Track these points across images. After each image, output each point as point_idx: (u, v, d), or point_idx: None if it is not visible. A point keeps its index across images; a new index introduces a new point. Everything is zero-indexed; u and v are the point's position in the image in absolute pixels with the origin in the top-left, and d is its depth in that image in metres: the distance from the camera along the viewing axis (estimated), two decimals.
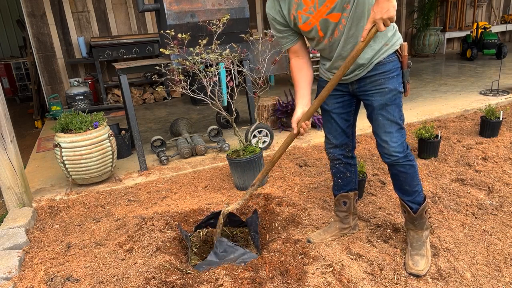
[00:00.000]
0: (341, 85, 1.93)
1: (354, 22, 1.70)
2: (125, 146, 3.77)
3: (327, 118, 2.05)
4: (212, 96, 2.86)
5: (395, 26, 1.82)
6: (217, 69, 2.86)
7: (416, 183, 1.94)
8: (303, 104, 1.89)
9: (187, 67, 2.81)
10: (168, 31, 2.94)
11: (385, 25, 1.54)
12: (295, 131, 1.87)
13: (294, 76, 1.96)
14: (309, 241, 2.18)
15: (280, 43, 1.94)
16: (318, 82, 2.03)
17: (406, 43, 1.82)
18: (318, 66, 2.34)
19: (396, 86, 1.81)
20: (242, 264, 1.96)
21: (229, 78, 3.17)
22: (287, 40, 1.90)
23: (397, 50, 1.80)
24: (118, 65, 3.34)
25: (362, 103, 1.98)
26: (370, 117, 1.92)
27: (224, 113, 2.87)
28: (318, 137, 3.85)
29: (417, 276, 1.88)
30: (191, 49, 2.84)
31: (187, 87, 2.87)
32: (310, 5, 1.70)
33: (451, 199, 2.55)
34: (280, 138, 3.96)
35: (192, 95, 2.86)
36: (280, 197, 2.71)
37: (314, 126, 4.14)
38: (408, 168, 1.89)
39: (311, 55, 6.03)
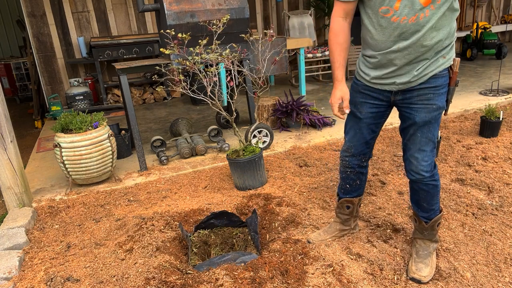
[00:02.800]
0: (383, 94, 1.79)
1: (437, 22, 1.59)
2: (125, 146, 3.77)
3: (353, 126, 1.94)
4: (212, 96, 2.86)
5: (455, 36, 1.70)
6: (217, 69, 2.86)
7: (435, 202, 1.87)
8: (342, 75, 1.79)
9: (187, 67, 2.81)
10: (168, 31, 2.94)
11: None
12: (336, 111, 1.82)
13: (339, 39, 1.77)
14: (309, 242, 2.18)
15: None
16: (352, 85, 1.89)
17: (458, 59, 1.72)
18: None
19: (444, 103, 1.73)
20: (242, 264, 1.96)
21: (229, 78, 3.17)
22: None
23: (450, 65, 1.71)
24: (118, 65, 3.34)
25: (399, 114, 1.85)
26: (405, 132, 1.81)
27: (224, 113, 2.87)
28: (318, 137, 3.86)
29: (419, 282, 1.84)
30: (191, 49, 2.84)
31: (187, 87, 2.87)
32: None
33: (451, 199, 2.55)
34: (280, 138, 3.96)
35: (192, 95, 2.86)
36: (280, 197, 2.71)
37: (314, 126, 4.14)
38: (431, 187, 1.83)
39: (310, 55, 6.04)
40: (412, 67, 1.68)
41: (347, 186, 2.12)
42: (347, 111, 1.83)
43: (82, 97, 5.81)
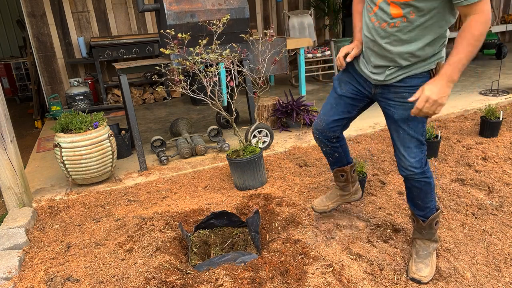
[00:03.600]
0: (366, 83, 1.86)
1: (411, 33, 1.60)
2: (125, 146, 3.77)
3: (331, 101, 1.99)
4: (212, 96, 2.86)
5: (444, 43, 1.69)
6: (217, 69, 2.86)
7: (430, 199, 1.88)
8: (359, 36, 1.86)
9: (187, 67, 2.81)
10: (168, 31, 2.94)
11: (429, 113, 1.52)
12: (340, 54, 1.91)
13: (356, 7, 1.90)
14: (312, 209, 2.30)
15: None
16: (346, 67, 1.95)
17: (443, 63, 1.66)
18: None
19: None
20: (242, 264, 1.96)
21: (229, 78, 3.17)
22: None
23: (431, 69, 1.68)
24: (118, 65, 3.34)
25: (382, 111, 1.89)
26: (390, 128, 1.86)
27: (224, 113, 2.87)
28: None
29: (419, 282, 1.84)
30: (191, 49, 2.84)
31: (187, 87, 2.87)
32: None
33: (451, 199, 2.55)
34: (280, 138, 3.96)
35: (192, 95, 2.86)
36: (280, 197, 2.71)
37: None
38: (423, 184, 1.84)
39: (310, 55, 6.04)
40: (384, 68, 1.73)
41: (330, 159, 2.22)
42: (348, 59, 1.88)
43: (82, 97, 5.81)
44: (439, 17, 1.57)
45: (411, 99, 1.58)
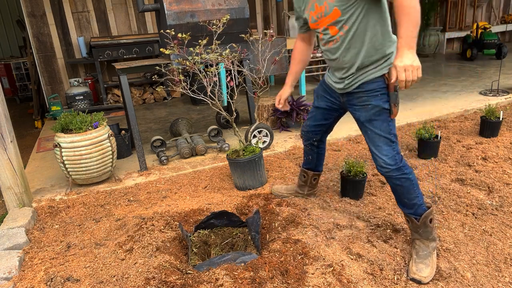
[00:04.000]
0: (335, 93, 2.11)
1: (350, 44, 1.87)
2: (125, 146, 3.77)
3: (313, 110, 2.34)
4: (212, 96, 2.86)
5: (393, 53, 1.87)
6: (217, 69, 2.86)
7: (414, 196, 1.95)
8: (289, 80, 2.35)
9: (187, 67, 2.81)
10: (168, 31, 2.94)
11: (414, 79, 1.65)
12: (280, 106, 2.40)
13: (294, 54, 2.29)
14: (271, 192, 2.74)
15: (298, 30, 2.23)
16: (320, 82, 2.26)
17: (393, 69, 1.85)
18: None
19: (379, 103, 1.88)
20: (242, 264, 1.96)
21: (229, 78, 3.17)
22: (302, 30, 2.19)
23: (384, 74, 1.87)
24: (118, 65, 3.34)
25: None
26: (361, 131, 2.05)
27: (224, 113, 2.87)
28: None
29: (419, 283, 1.84)
30: (191, 49, 2.84)
31: (187, 87, 2.87)
32: (319, 11, 1.89)
33: (451, 199, 2.55)
34: (280, 138, 3.96)
35: (192, 95, 2.86)
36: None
37: None
38: (403, 181, 1.93)
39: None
40: (344, 79, 1.98)
41: (305, 158, 2.56)
42: (279, 106, 2.41)
43: (82, 97, 5.81)
44: (367, 18, 1.80)
45: (392, 80, 1.70)
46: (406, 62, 1.61)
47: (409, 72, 1.62)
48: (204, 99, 2.84)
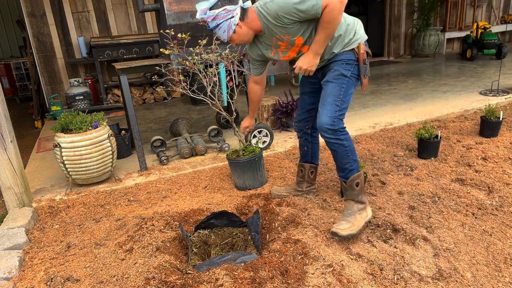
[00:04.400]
0: (315, 74, 2.29)
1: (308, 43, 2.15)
2: (125, 146, 3.77)
3: (301, 99, 2.51)
4: (212, 96, 2.86)
5: (355, 31, 2.17)
6: (217, 69, 2.86)
7: (347, 161, 2.16)
8: (250, 113, 2.68)
9: (187, 67, 2.81)
10: (168, 31, 2.94)
11: (305, 74, 2.16)
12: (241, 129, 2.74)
13: (250, 96, 2.57)
14: (271, 192, 2.76)
15: (252, 72, 2.46)
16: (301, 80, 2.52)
17: (362, 43, 2.16)
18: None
19: (342, 71, 2.14)
20: (242, 264, 1.96)
21: (229, 78, 3.17)
22: (257, 71, 2.43)
23: (353, 48, 2.15)
24: (118, 65, 3.34)
25: None
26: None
27: (224, 113, 2.87)
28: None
29: (336, 235, 2.04)
30: (191, 49, 2.84)
31: (187, 87, 2.87)
32: (283, 46, 2.16)
33: (451, 199, 2.55)
34: (280, 138, 3.96)
35: (192, 95, 2.86)
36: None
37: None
38: (337, 147, 2.13)
39: None
40: (322, 61, 2.21)
41: (301, 151, 2.65)
42: (247, 131, 2.76)
43: (82, 97, 5.82)
44: (311, 27, 2.07)
45: (296, 70, 2.14)
46: (304, 65, 2.10)
47: (302, 71, 2.14)
48: (204, 99, 2.84)
